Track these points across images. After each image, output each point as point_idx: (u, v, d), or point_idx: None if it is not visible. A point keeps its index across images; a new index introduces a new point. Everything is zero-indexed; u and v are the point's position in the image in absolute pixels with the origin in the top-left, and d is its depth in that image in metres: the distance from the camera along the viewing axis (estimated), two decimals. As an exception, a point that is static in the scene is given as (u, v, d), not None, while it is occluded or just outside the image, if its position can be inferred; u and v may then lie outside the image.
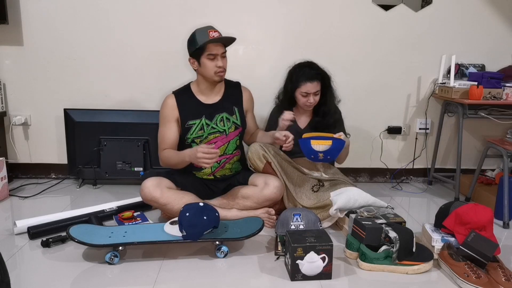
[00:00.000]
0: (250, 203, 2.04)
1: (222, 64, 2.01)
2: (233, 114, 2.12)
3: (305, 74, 2.18)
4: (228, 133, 2.11)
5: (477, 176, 2.47)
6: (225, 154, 2.12)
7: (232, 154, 2.14)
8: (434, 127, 2.82)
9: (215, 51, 1.98)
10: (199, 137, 2.08)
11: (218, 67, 2.00)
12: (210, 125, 2.08)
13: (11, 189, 2.52)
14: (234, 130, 2.12)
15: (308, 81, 2.16)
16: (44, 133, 2.71)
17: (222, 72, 2.03)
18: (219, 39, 1.99)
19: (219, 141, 2.09)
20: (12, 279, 1.48)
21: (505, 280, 1.52)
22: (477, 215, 1.72)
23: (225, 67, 2.04)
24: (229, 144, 2.12)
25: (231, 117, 2.12)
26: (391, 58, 2.70)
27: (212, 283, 1.55)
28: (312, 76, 2.17)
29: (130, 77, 2.65)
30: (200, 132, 2.08)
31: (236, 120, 2.12)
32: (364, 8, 2.62)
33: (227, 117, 2.11)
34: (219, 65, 2.00)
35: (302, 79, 2.18)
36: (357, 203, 1.98)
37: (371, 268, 1.67)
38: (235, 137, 2.12)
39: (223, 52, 2.02)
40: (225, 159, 2.12)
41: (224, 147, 2.11)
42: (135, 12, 2.56)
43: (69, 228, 1.71)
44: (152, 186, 1.95)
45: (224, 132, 2.10)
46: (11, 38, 2.57)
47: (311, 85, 2.16)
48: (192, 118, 2.07)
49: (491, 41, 2.70)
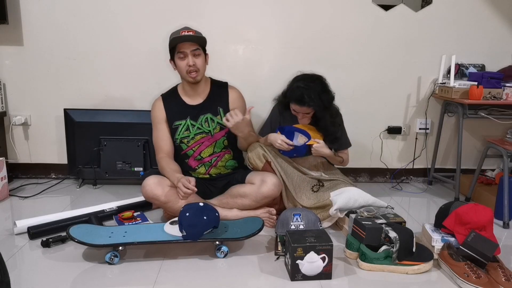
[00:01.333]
0: (248, 201, 2.04)
1: (193, 62, 1.97)
2: (217, 114, 2.12)
3: (297, 96, 2.06)
4: (213, 133, 2.12)
5: (477, 176, 2.47)
6: (214, 153, 2.14)
7: (222, 152, 2.15)
8: (434, 127, 2.82)
9: (184, 48, 1.96)
10: (185, 138, 2.11)
11: (189, 66, 1.97)
12: (196, 126, 2.10)
13: (11, 189, 2.52)
14: (220, 130, 2.13)
15: (297, 104, 2.08)
16: (44, 133, 2.71)
17: (193, 72, 1.99)
18: (185, 37, 1.94)
19: (206, 141, 2.12)
20: (12, 279, 1.49)
21: (505, 280, 1.52)
22: (477, 215, 1.72)
23: (198, 66, 1.99)
24: (216, 144, 2.14)
25: (215, 117, 2.12)
26: (391, 58, 2.70)
27: (212, 283, 1.55)
28: (302, 102, 2.05)
29: (130, 77, 2.65)
30: (186, 132, 2.10)
31: (221, 120, 2.11)
32: (364, 8, 2.62)
33: (211, 117, 2.11)
34: (190, 63, 1.97)
35: (293, 98, 2.08)
36: (357, 203, 1.98)
37: (371, 268, 1.67)
38: (221, 137, 2.13)
39: (194, 49, 1.97)
40: (216, 157, 2.14)
41: (212, 147, 2.13)
42: (135, 12, 2.56)
43: (69, 228, 1.71)
44: (154, 184, 1.95)
45: (209, 132, 2.11)
46: (11, 38, 2.57)
47: (299, 108, 2.10)
48: (178, 119, 2.11)
49: (491, 41, 2.70)
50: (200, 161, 2.15)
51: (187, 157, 2.15)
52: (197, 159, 2.14)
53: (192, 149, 2.13)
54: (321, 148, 2.11)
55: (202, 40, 2.02)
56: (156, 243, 1.70)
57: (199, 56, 2.00)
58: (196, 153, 2.13)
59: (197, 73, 2.02)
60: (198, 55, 2.00)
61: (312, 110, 2.13)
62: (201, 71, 2.03)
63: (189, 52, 1.97)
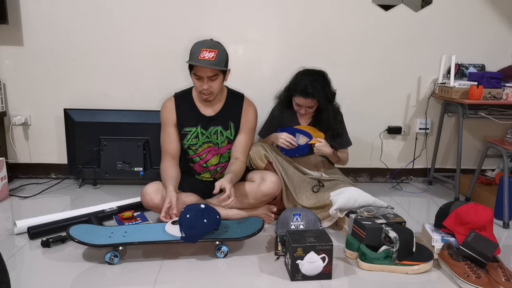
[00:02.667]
0: (248, 200, 2.03)
1: (207, 87, 1.93)
2: (227, 129, 2.10)
3: (301, 87, 2.10)
4: (220, 146, 2.11)
5: (477, 176, 2.47)
6: (220, 163, 2.14)
7: (227, 162, 2.14)
8: (434, 127, 2.82)
9: (200, 73, 1.91)
10: (194, 145, 2.10)
11: (203, 89, 1.94)
12: (205, 135, 2.09)
13: (11, 189, 2.52)
14: (227, 144, 2.12)
15: (301, 96, 2.11)
16: (44, 133, 2.71)
17: (207, 95, 1.97)
18: (203, 63, 1.86)
19: (212, 151, 2.11)
20: (12, 279, 1.49)
21: (505, 280, 1.52)
22: (477, 215, 1.72)
23: (212, 90, 1.95)
24: (222, 156, 2.14)
25: (225, 132, 2.10)
26: (391, 58, 2.70)
27: (212, 283, 1.55)
28: (307, 94, 2.09)
29: (130, 77, 2.65)
30: (195, 140, 2.09)
31: (230, 135, 2.11)
32: (364, 8, 2.62)
33: (221, 131, 2.10)
34: (204, 87, 1.93)
35: (298, 90, 2.12)
36: (357, 203, 1.98)
37: (371, 268, 1.67)
38: (227, 150, 2.13)
39: (211, 76, 1.91)
40: (221, 167, 2.15)
41: (218, 157, 2.13)
42: (135, 12, 2.56)
43: (69, 228, 1.71)
44: (153, 192, 1.95)
45: (217, 145, 2.11)
46: (11, 38, 2.57)
47: (303, 100, 2.12)
48: (189, 125, 2.08)
49: (491, 41, 2.70)
50: (205, 168, 2.15)
51: (193, 162, 2.14)
52: (203, 167, 2.15)
53: (200, 156, 2.12)
54: (323, 147, 2.16)
55: (221, 66, 1.92)
56: (156, 243, 1.70)
57: (216, 80, 1.94)
58: (203, 161, 2.13)
59: (210, 95, 1.98)
60: (214, 80, 1.94)
61: (316, 103, 2.15)
62: (215, 93, 1.98)
63: (205, 77, 1.92)
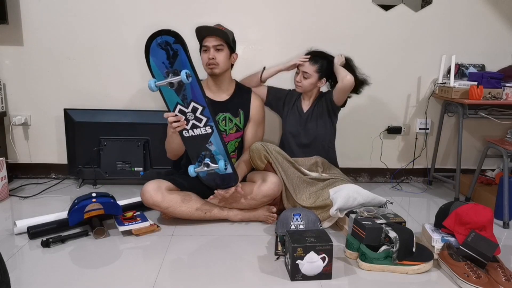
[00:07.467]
0: (248, 200, 2.04)
1: (213, 56, 2.01)
2: (237, 116, 2.13)
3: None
4: (228, 133, 2.11)
5: (477, 176, 2.47)
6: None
7: (234, 153, 2.14)
8: (434, 127, 2.82)
9: (207, 42, 2.02)
10: None
11: (209, 59, 2.01)
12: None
13: (11, 189, 2.52)
14: (235, 132, 2.12)
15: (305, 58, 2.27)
16: (44, 133, 2.71)
17: (212, 65, 2.02)
18: (209, 29, 2.00)
19: None
20: (12, 279, 1.48)
21: (505, 280, 1.52)
22: (477, 215, 1.72)
23: (218, 60, 2.03)
24: (228, 145, 2.12)
25: (235, 119, 2.13)
26: (391, 58, 2.70)
27: (212, 283, 1.55)
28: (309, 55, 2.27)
29: (130, 77, 2.65)
30: None
31: (239, 123, 2.13)
32: (364, 8, 2.62)
33: (230, 118, 2.12)
34: (210, 56, 2.01)
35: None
36: (356, 202, 1.98)
37: (371, 268, 1.67)
38: (235, 138, 2.13)
39: (217, 44, 2.02)
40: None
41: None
42: (135, 12, 2.56)
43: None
44: (153, 190, 1.95)
45: (224, 131, 2.10)
46: (11, 38, 2.57)
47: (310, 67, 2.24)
48: None
49: (491, 41, 2.70)
50: None
51: None
52: None
53: None
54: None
55: (226, 36, 2.02)
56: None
57: (222, 52, 2.03)
58: None
59: (215, 66, 2.04)
60: (220, 50, 2.03)
61: (316, 71, 2.24)
62: (220, 65, 2.05)
63: (212, 46, 2.00)
